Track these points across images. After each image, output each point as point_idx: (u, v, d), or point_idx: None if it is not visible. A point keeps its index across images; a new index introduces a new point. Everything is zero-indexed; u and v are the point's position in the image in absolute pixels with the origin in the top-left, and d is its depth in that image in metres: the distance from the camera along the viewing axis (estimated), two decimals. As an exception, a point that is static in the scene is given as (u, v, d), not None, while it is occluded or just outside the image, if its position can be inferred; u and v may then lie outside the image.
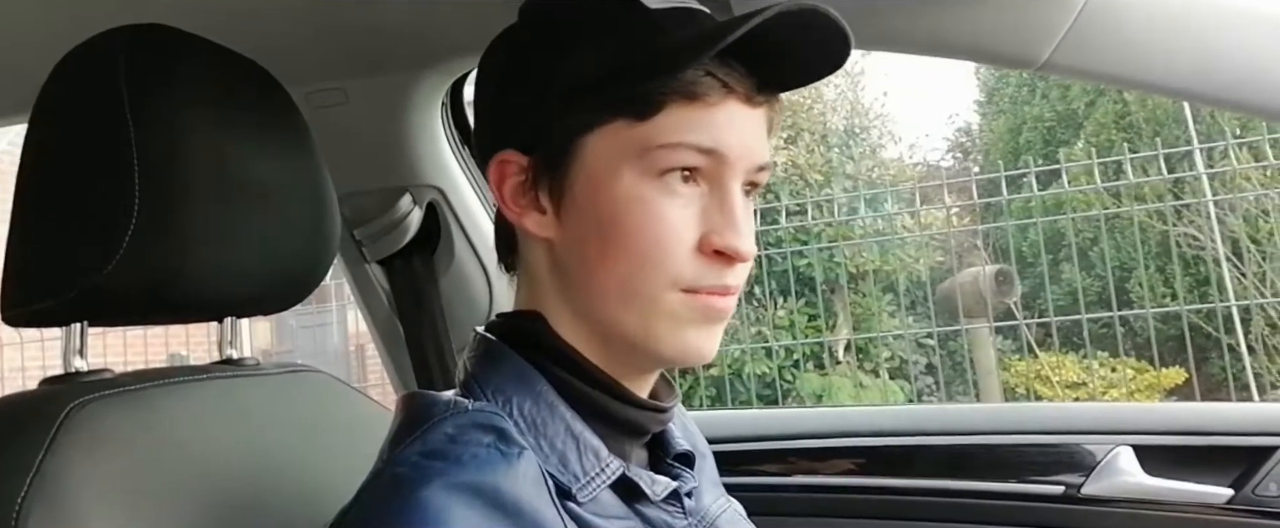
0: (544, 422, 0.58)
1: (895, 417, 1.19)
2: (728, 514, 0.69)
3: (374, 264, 1.12)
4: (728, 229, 0.57)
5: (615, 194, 0.57)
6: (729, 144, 0.57)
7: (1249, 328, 4.14)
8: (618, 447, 0.60)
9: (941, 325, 4.36)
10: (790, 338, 4.62)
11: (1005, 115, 5.82)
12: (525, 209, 0.60)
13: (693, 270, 0.57)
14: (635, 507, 0.59)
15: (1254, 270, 4.13)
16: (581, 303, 0.60)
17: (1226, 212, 4.18)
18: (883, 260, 4.69)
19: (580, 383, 0.59)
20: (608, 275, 0.58)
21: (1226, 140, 3.97)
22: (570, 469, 0.57)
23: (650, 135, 0.56)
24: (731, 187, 0.58)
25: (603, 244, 0.57)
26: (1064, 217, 4.38)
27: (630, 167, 0.57)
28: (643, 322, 0.57)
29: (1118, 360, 4.36)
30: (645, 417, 0.62)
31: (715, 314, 0.58)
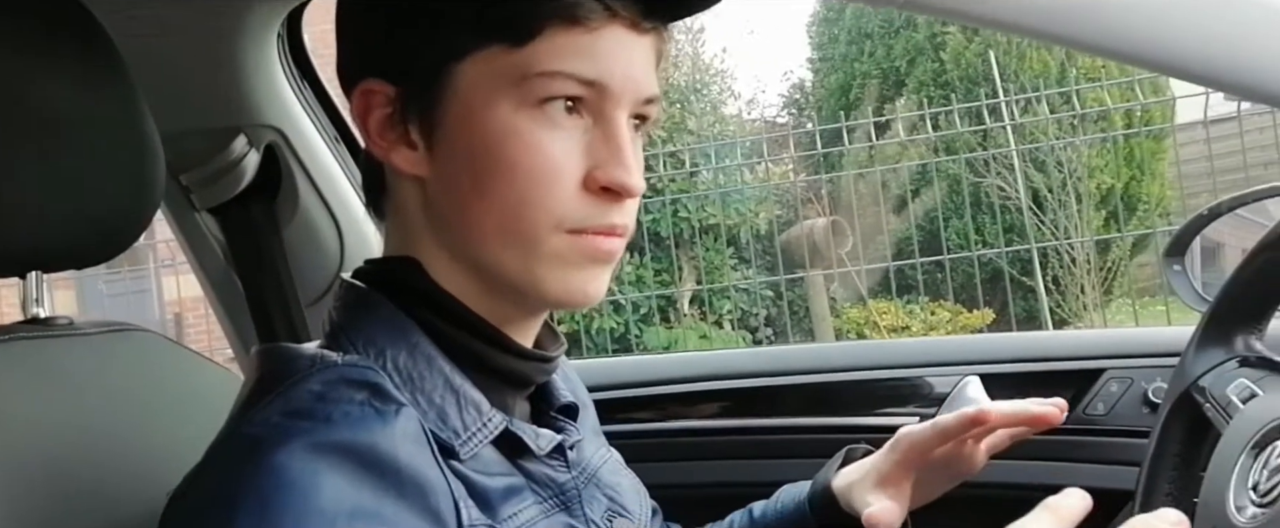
0: (421, 376, 0.53)
1: (761, 358, 1.22)
2: (609, 464, 0.67)
3: (205, 213, 1.02)
4: (614, 164, 0.53)
5: (491, 126, 0.52)
6: (613, 73, 0.53)
7: (1046, 271, 4.56)
8: (500, 400, 0.56)
9: (783, 275, 4.54)
10: (638, 292, 4.67)
11: (836, 73, 6.06)
12: (393, 144, 0.55)
13: (578, 209, 0.53)
14: (518, 462, 0.56)
15: (1050, 217, 4.54)
16: (459, 245, 0.55)
17: (1028, 163, 4.56)
18: (726, 214, 4.81)
19: (460, 333, 0.55)
20: (485, 215, 0.53)
21: (1029, 94, 4.33)
22: (450, 425, 0.53)
23: (528, 62, 0.52)
24: (617, 118, 0.54)
25: (478, 181, 0.53)
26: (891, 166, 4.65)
27: (507, 96, 0.52)
28: (525, 264, 0.54)
29: (937, 304, 4.71)
30: (530, 367, 0.59)
31: (602, 256, 0.55)
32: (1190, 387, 0.78)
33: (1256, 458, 0.59)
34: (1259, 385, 0.71)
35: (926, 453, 0.70)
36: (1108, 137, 4.61)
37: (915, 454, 0.70)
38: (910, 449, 0.70)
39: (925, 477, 0.72)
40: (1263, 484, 0.58)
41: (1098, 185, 4.64)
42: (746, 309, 4.84)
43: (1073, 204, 4.47)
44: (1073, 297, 4.59)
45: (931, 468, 0.72)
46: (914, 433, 0.70)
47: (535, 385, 0.61)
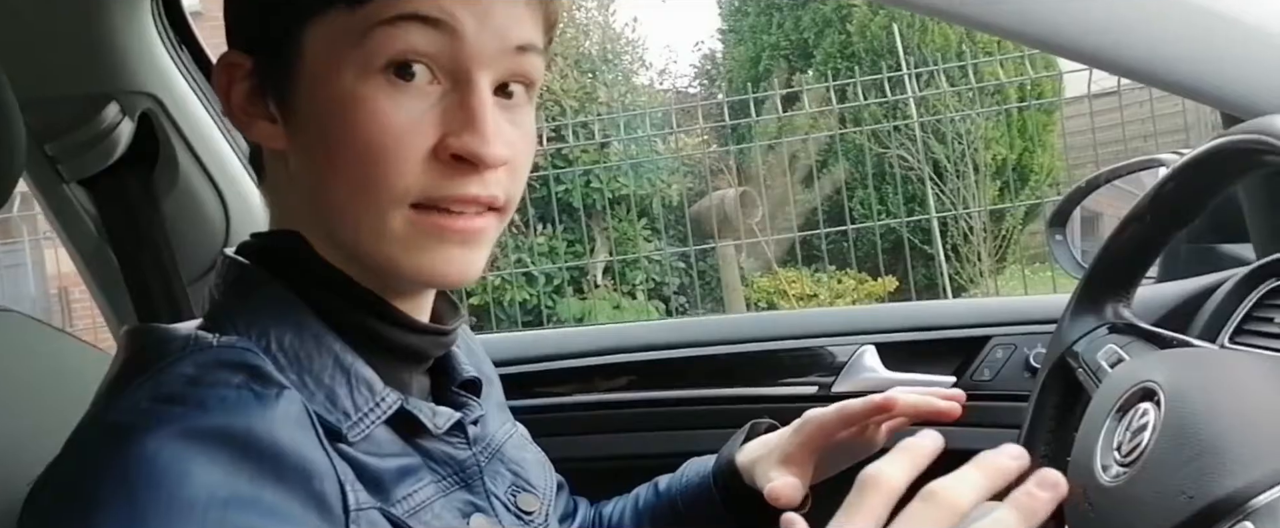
0: (309, 356, 0.51)
1: (667, 330, 1.22)
2: (514, 440, 0.66)
3: (75, 185, 0.96)
4: (467, 130, 0.49)
5: (336, 94, 0.49)
6: (461, 17, 0.48)
7: (947, 239, 4.74)
8: (395, 377, 0.54)
9: (694, 246, 4.59)
10: (551, 263, 4.65)
11: (746, 44, 6.11)
12: (254, 118, 0.53)
13: (424, 181, 0.49)
14: (414, 441, 0.54)
15: (950, 188, 4.71)
16: (323, 221, 0.53)
17: (930, 136, 4.72)
18: (638, 185, 4.81)
19: (350, 309, 0.53)
20: (337, 190, 0.51)
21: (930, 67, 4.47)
22: (340, 406, 0.51)
23: (364, 19, 0.48)
24: (477, 80, 0.50)
25: (330, 154, 0.50)
26: (799, 137, 4.74)
27: (350, 61, 0.49)
28: (375, 242, 0.51)
29: (843, 273, 4.84)
30: (425, 342, 0.57)
31: (453, 235, 0.51)
32: (1064, 352, 0.82)
33: (1120, 420, 0.62)
34: (1126, 351, 0.75)
35: (830, 435, 0.71)
36: (1002, 110, 4.80)
37: (820, 436, 0.71)
38: (815, 432, 0.71)
39: (827, 456, 0.73)
40: (1125, 445, 0.61)
41: (993, 156, 4.83)
42: (659, 280, 4.88)
43: (970, 175, 4.64)
44: (970, 264, 4.78)
45: (834, 448, 0.73)
46: (820, 416, 0.71)
47: (433, 360, 0.59)
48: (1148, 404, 0.60)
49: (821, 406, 1.08)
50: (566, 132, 4.55)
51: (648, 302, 4.89)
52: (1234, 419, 0.52)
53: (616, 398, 1.17)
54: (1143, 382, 0.62)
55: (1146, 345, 0.74)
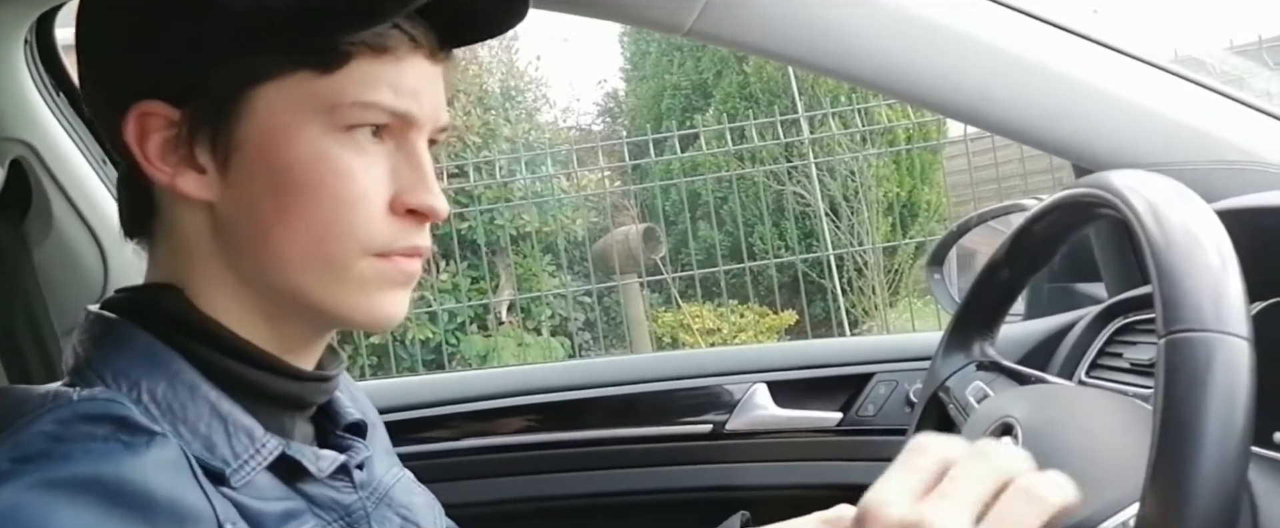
0: (183, 405, 0.51)
1: (566, 372, 1.23)
2: (402, 483, 0.66)
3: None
4: (421, 187, 0.54)
5: (297, 152, 0.51)
6: (419, 104, 0.54)
7: (842, 274, 4.91)
8: (277, 424, 0.55)
9: (598, 282, 4.61)
10: (454, 301, 4.59)
11: (648, 82, 6.23)
12: (178, 168, 0.53)
13: (385, 233, 0.54)
14: (297, 486, 0.54)
15: (845, 224, 4.89)
16: (251, 271, 0.54)
17: (825, 173, 4.89)
18: (542, 221, 4.82)
19: (228, 360, 0.53)
20: (289, 241, 0.52)
21: (825, 110, 4.65)
22: (218, 454, 0.51)
23: (337, 90, 0.52)
24: (419, 144, 0.55)
25: (282, 207, 0.52)
26: (701, 177, 4.84)
27: (314, 121, 0.52)
28: (331, 289, 0.53)
29: (745, 307, 4.94)
30: (307, 389, 0.57)
31: (405, 279, 0.56)
32: (938, 388, 0.87)
33: (984, 454, 0.67)
34: (991, 387, 0.80)
35: None
36: (892, 151, 5.02)
37: None
38: None
39: None
40: (988, 477, 0.65)
41: (884, 193, 5.04)
42: (563, 316, 4.87)
43: (863, 211, 4.83)
44: (865, 297, 4.96)
45: None
46: None
47: (316, 406, 0.60)
48: (1007, 439, 0.65)
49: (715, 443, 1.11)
50: (469, 168, 4.53)
51: (552, 338, 4.87)
52: (1082, 453, 0.57)
53: (517, 441, 1.17)
54: (1002, 418, 0.67)
55: (1009, 382, 0.80)
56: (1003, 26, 0.82)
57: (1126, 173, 0.55)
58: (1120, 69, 0.83)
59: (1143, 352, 0.85)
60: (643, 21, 0.85)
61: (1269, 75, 2.23)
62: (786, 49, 0.83)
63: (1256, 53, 3.22)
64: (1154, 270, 0.45)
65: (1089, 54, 0.83)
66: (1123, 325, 0.90)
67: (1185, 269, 0.44)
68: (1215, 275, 0.44)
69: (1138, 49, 0.84)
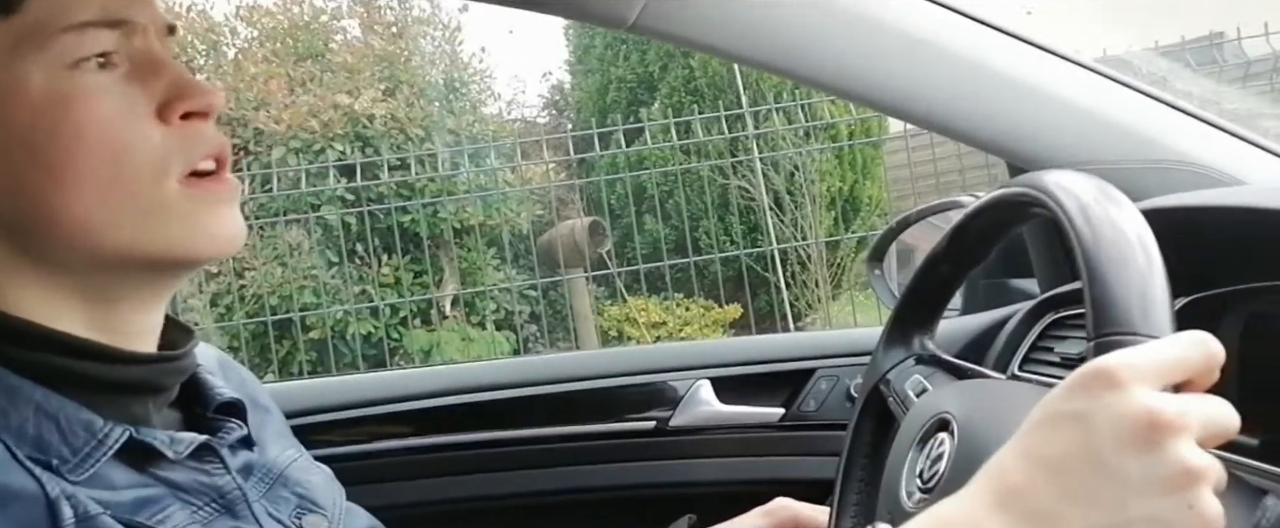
0: (3, 411, 0.48)
1: (509, 369, 1.22)
2: (298, 463, 0.65)
3: None
4: (182, 89, 0.51)
5: (31, 107, 0.48)
6: (130, 11, 0.51)
7: (786, 267, 4.97)
8: (124, 412, 0.52)
9: (543, 276, 4.58)
10: (396, 295, 4.52)
11: (594, 75, 6.20)
12: None
13: (169, 146, 0.51)
14: (153, 472, 0.52)
15: (789, 218, 4.95)
16: (49, 252, 0.50)
17: (770, 168, 4.94)
18: (486, 215, 4.77)
19: (48, 356, 0.50)
20: (78, 198, 0.49)
21: (769, 105, 4.70)
22: (54, 451, 0.48)
23: (36, 24, 0.48)
24: (157, 51, 0.52)
25: (49, 167, 0.49)
26: (646, 172, 4.85)
27: (32, 67, 0.48)
28: (150, 231, 0.51)
29: (691, 301, 4.97)
30: (152, 371, 0.55)
31: (223, 194, 0.53)
32: (878, 382, 0.88)
33: (922, 449, 0.68)
34: (929, 381, 0.81)
35: None
36: (836, 147, 5.10)
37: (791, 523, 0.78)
38: (788, 519, 0.78)
39: None
40: (926, 472, 0.66)
41: (827, 188, 5.11)
42: (509, 310, 4.83)
43: (807, 206, 4.89)
44: (808, 290, 5.02)
45: None
46: (795, 507, 0.79)
47: (170, 389, 0.57)
48: (944, 434, 0.66)
49: (659, 439, 1.11)
50: (411, 161, 4.46)
51: (497, 332, 4.83)
52: (1014, 447, 0.58)
53: (459, 440, 1.15)
54: (939, 413, 0.68)
55: (947, 376, 0.81)
56: (941, 26, 0.83)
57: (1058, 173, 0.56)
58: (1053, 70, 0.85)
59: (1073, 346, 0.87)
60: (586, 17, 0.85)
61: (1191, 76, 2.32)
62: (729, 45, 0.84)
63: (1180, 54, 3.35)
64: (1084, 272, 0.46)
65: (1023, 55, 0.85)
66: (1054, 320, 0.92)
67: (1114, 272, 0.45)
68: (1142, 278, 0.45)
69: (1070, 50, 0.86)
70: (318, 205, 4.40)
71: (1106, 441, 0.38)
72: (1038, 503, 0.40)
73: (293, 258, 4.36)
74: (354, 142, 4.63)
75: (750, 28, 0.80)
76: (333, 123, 4.64)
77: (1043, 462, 0.40)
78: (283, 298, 4.34)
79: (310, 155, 4.53)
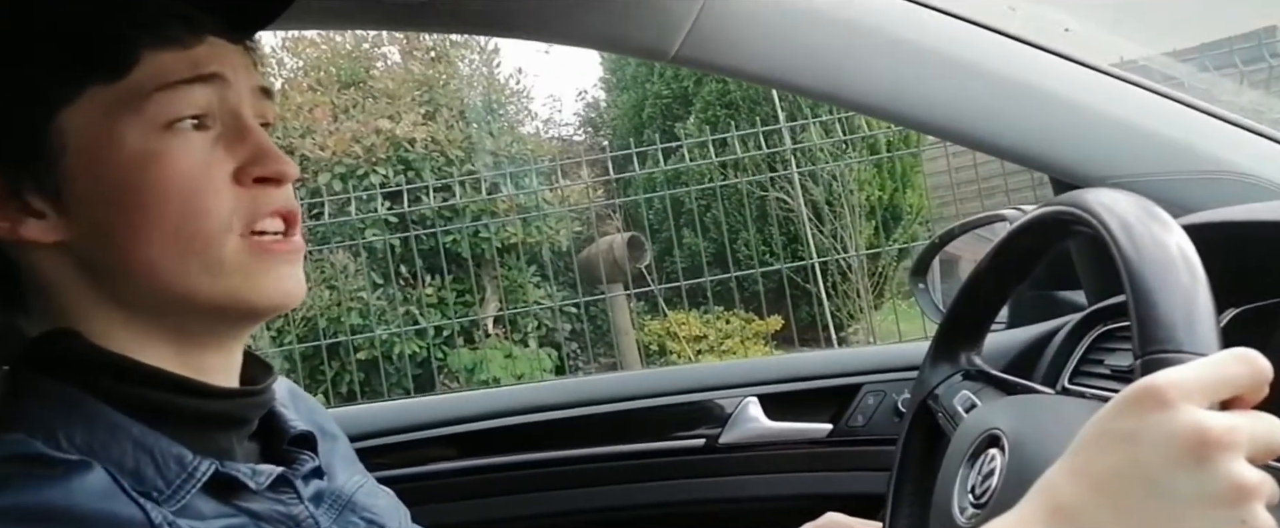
0: (104, 445, 0.51)
1: (554, 391, 1.24)
2: (365, 488, 0.68)
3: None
4: (260, 156, 0.54)
5: (123, 160, 0.52)
6: (223, 68, 0.54)
7: (827, 278, 4.94)
8: (211, 445, 0.55)
9: (583, 293, 4.61)
10: (441, 315, 4.58)
11: (628, 92, 6.25)
12: (16, 220, 0.52)
13: (240, 206, 0.54)
14: (235, 503, 0.55)
15: (829, 229, 4.92)
16: (133, 293, 0.54)
17: (808, 180, 4.93)
18: (527, 233, 4.82)
19: (144, 390, 0.53)
20: (150, 250, 0.52)
21: (806, 119, 4.69)
22: (149, 483, 0.51)
23: (136, 86, 0.52)
24: (245, 115, 0.55)
25: (131, 221, 0.52)
26: (684, 188, 4.86)
27: (129, 127, 0.52)
28: (212, 279, 0.53)
29: (731, 313, 4.96)
30: (236, 406, 0.58)
31: (283, 255, 0.56)
32: (926, 397, 0.89)
33: (973, 465, 0.68)
34: (978, 396, 0.82)
35: None
36: (875, 159, 5.07)
37: None
38: None
39: None
40: (978, 487, 0.67)
41: (866, 197, 5.08)
42: (551, 326, 4.87)
43: (847, 216, 4.86)
44: (849, 301, 4.99)
45: None
46: (844, 521, 0.80)
47: (251, 422, 0.60)
48: (995, 450, 0.67)
49: (709, 457, 1.12)
50: (453, 183, 4.53)
51: (540, 349, 4.87)
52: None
53: (510, 461, 1.18)
54: (989, 429, 0.69)
55: (995, 391, 0.81)
56: (980, 46, 0.84)
57: (1101, 191, 0.57)
58: (1094, 84, 0.86)
59: (1123, 359, 0.87)
60: (628, 50, 0.87)
61: (1210, 80, 2.27)
62: (771, 73, 0.85)
63: (1197, 58, 3.28)
64: (1129, 290, 0.47)
65: (1063, 70, 0.85)
66: (1103, 332, 0.92)
67: (1158, 289, 0.46)
68: (1187, 295, 0.45)
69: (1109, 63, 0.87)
70: (363, 229, 4.48)
71: (1156, 459, 0.39)
72: (1090, 521, 0.40)
73: (341, 281, 4.44)
74: (396, 165, 4.72)
75: (790, 56, 0.82)
76: (376, 148, 4.73)
77: (1094, 480, 0.41)
78: (331, 320, 4.42)
79: (355, 180, 4.62)
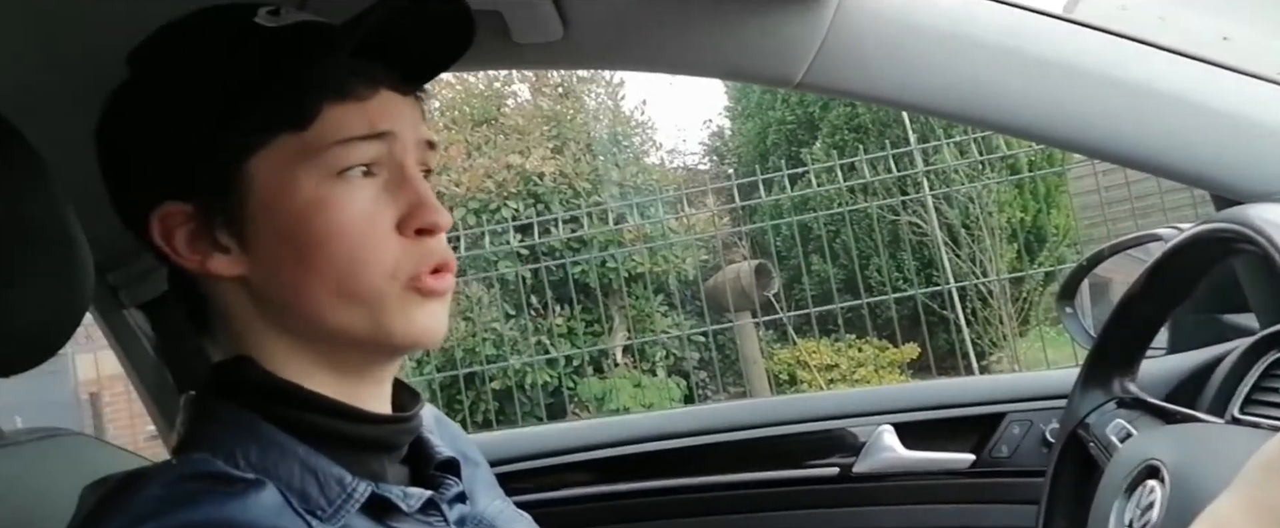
0: (274, 464, 0.56)
1: (685, 419, 1.25)
2: (504, 514, 0.71)
3: (133, 309, 1.01)
4: (420, 207, 0.58)
5: (299, 205, 0.57)
6: (392, 129, 0.59)
7: (966, 304, 4.75)
8: (366, 468, 0.59)
9: (711, 321, 4.61)
10: (570, 345, 4.68)
11: (752, 119, 6.24)
12: (206, 254, 0.58)
13: (400, 256, 0.58)
14: (388, 523, 0.58)
15: (966, 253, 4.74)
16: (299, 325, 0.59)
17: (943, 202, 4.77)
18: (654, 263, 4.87)
19: (309, 414, 0.58)
20: (319, 287, 0.57)
21: (939, 140, 4.55)
22: (314, 502, 0.55)
23: (316, 138, 0.57)
24: (409, 167, 0.60)
25: (302, 260, 0.57)
26: (811, 214, 4.80)
27: (306, 174, 0.57)
28: (370, 319, 0.58)
29: (864, 341, 4.84)
30: (388, 431, 0.62)
31: (437, 294, 0.60)
32: (1077, 427, 0.85)
33: (1129, 498, 0.65)
34: (1134, 426, 0.77)
35: None
36: (1016, 179, 4.85)
37: None
38: None
39: None
40: (1136, 521, 0.63)
41: (1007, 220, 4.86)
42: (678, 355, 4.89)
43: (986, 239, 4.67)
44: (991, 328, 4.77)
45: None
46: None
47: (402, 447, 0.64)
48: (1154, 481, 0.63)
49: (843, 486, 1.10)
50: (581, 214, 4.64)
51: (668, 378, 4.89)
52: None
53: (644, 487, 1.19)
54: (1148, 460, 0.65)
55: (1153, 420, 0.77)
56: (1126, 59, 0.81)
57: (1264, 207, 0.54)
58: (1255, 94, 0.80)
59: (1301, 386, 0.80)
60: (754, 79, 0.88)
61: None
62: (900, 96, 0.84)
63: None
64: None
65: (1219, 80, 0.80)
66: (1278, 359, 0.85)
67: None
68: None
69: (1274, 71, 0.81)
70: (496, 261, 4.65)
71: None
72: None
73: (475, 312, 4.61)
74: (526, 199, 4.89)
75: (921, 77, 0.81)
76: (507, 182, 4.92)
77: (1268, 511, 0.39)
78: (467, 350, 4.59)
79: (488, 214, 4.81)
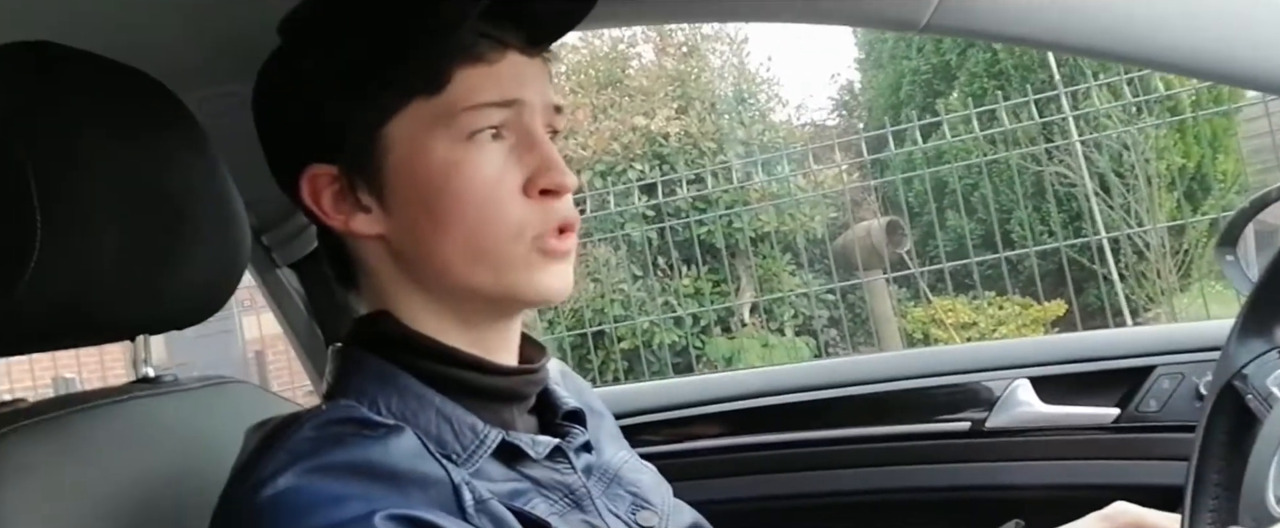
0: (413, 412, 0.60)
1: (814, 372, 1.24)
2: (629, 464, 0.73)
3: (286, 268, 1.10)
4: (546, 168, 0.61)
5: (432, 167, 0.60)
6: (521, 92, 0.61)
7: (1119, 257, 4.45)
8: (497, 417, 0.63)
9: (840, 280, 4.53)
10: (697, 305, 4.70)
11: (884, 71, 6.02)
12: (350, 214, 0.62)
13: (527, 216, 0.60)
14: (519, 469, 0.62)
15: (1119, 203, 4.44)
16: (432, 281, 0.62)
17: (1093, 149, 4.47)
18: (780, 221, 4.81)
19: (444, 366, 0.62)
20: (450, 245, 0.60)
21: (1088, 82, 4.25)
22: (449, 448, 0.59)
23: (449, 103, 0.59)
24: (536, 131, 0.62)
25: (435, 218, 0.60)
26: (946, 167, 4.60)
27: (439, 138, 0.60)
28: (496, 277, 0.61)
29: (1004, 299, 4.63)
30: (517, 382, 0.65)
31: (561, 254, 0.62)
32: (1233, 377, 0.79)
33: (1291, 450, 0.61)
34: (1297, 376, 0.72)
35: None
36: (1173, 121, 4.48)
37: None
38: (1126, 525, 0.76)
39: None
40: (1298, 476, 0.59)
41: (1166, 166, 4.51)
42: (807, 315, 4.83)
43: (1142, 188, 4.35)
44: (1147, 283, 4.47)
45: None
46: (1135, 512, 0.77)
47: (530, 397, 0.67)
48: (1318, 435, 0.59)
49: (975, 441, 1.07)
50: (706, 174, 4.63)
51: (796, 338, 4.84)
52: None
53: (771, 440, 1.20)
54: (1312, 411, 0.61)
55: (1320, 371, 0.71)
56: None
57: None
58: None
59: None
60: (876, 23, 0.85)
61: None
62: (1037, 34, 0.79)
63: None
64: None
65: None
66: None
67: None
68: None
69: None
70: (622, 223, 4.72)
71: None
72: None
73: (603, 273, 4.71)
74: (652, 160, 4.91)
75: (1061, 11, 0.76)
76: (632, 144, 4.96)
77: None
78: (596, 311, 4.70)
79: (614, 177, 4.87)
